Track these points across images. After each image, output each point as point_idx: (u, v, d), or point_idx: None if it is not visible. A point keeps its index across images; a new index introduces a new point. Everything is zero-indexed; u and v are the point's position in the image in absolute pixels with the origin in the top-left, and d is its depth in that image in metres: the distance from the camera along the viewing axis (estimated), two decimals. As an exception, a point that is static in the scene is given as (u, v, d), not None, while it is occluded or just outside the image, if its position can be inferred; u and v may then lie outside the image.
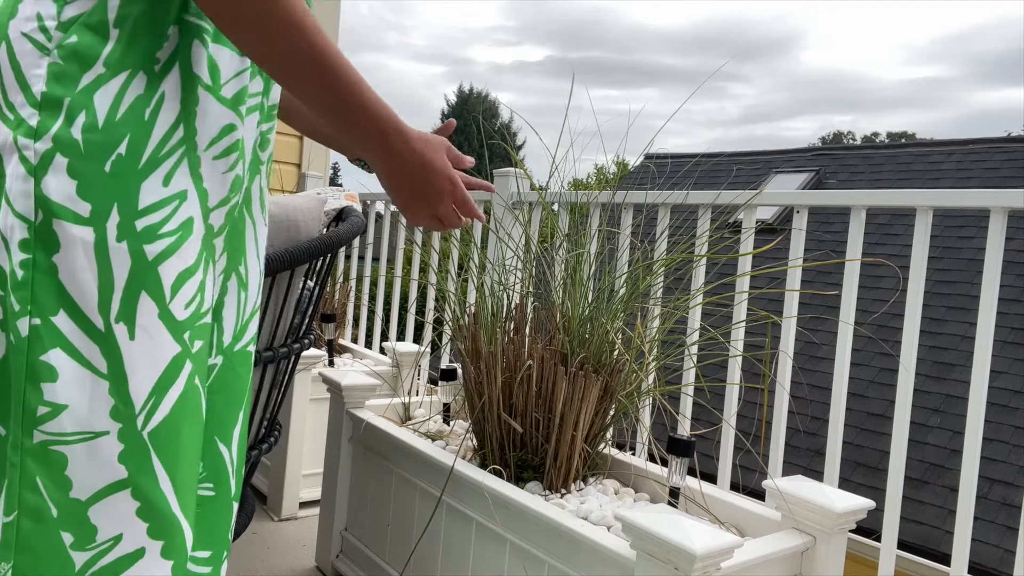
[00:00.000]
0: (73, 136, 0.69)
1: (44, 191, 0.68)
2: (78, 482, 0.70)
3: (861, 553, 2.35)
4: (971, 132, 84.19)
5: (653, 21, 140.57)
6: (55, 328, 0.69)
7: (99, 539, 0.72)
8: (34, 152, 0.69)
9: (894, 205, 1.59)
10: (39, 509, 0.70)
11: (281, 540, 2.15)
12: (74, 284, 0.70)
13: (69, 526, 0.71)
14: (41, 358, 0.69)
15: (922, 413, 5.65)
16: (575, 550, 1.22)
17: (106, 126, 0.71)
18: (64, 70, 0.70)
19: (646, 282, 1.63)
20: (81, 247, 0.69)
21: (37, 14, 0.71)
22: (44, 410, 0.69)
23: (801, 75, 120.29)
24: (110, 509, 0.72)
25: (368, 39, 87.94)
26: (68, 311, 0.70)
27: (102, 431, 0.71)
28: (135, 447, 0.73)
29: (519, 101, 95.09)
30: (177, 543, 0.77)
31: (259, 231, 0.98)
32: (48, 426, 0.69)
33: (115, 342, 0.71)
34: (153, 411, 0.74)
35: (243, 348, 0.95)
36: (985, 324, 1.44)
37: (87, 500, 0.71)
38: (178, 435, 0.77)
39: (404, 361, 2.39)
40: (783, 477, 1.37)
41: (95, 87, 0.71)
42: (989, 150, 8.12)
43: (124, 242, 0.71)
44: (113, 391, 0.71)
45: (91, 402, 0.70)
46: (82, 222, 0.69)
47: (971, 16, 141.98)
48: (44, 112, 0.69)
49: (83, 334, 0.70)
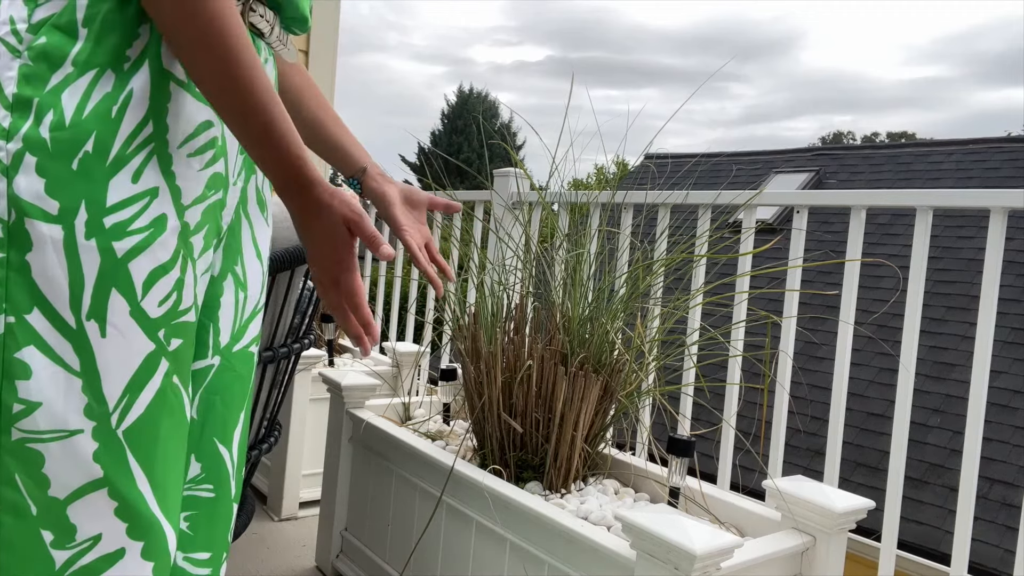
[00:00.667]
0: (41, 135, 0.70)
1: (15, 190, 0.69)
2: (55, 480, 0.71)
3: (861, 553, 2.35)
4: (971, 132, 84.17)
5: (654, 21, 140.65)
6: (29, 326, 0.69)
7: (78, 538, 0.72)
8: (6, 153, 0.69)
9: (894, 205, 1.59)
10: (19, 506, 0.70)
11: (281, 540, 2.15)
12: (46, 282, 0.70)
13: (49, 524, 0.71)
14: (16, 355, 0.69)
15: (922, 413, 5.65)
16: (575, 550, 1.22)
17: (73, 124, 0.71)
18: (34, 71, 0.71)
19: (646, 282, 1.63)
20: (51, 245, 0.70)
21: (10, 17, 0.72)
22: (19, 407, 0.69)
23: (802, 75, 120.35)
24: (88, 508, 0.72)
25: (369, 39, 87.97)
26: (42, 309, 0.70)
27: (76, 429, 0.71)
28: (110, 446, 0.73)
29: (519, 101, 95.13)
30: (158, 544, 0.77)
31: (258, 231, 0.98)
32: (23, 423, 0.69)
33: (87, 340, 0.71)
34: (127, 409, 0.74)
35: (244, 349, 0.95)
36: (985, 324, 1.44)
37: (65, 499, 0.71)
38: (155, 434, 0.77)
39: (404, 361, 2.39)
40: (783, 477, 1.37)
41: (63, 86, 0.71)
42: (989, 150, 8.12)
43: (93, 239, 0.71)
44: (86, 389, 0.72)
45: (65, 400, 0.71)
46: (51, 220, 0.69)
47: (971, 16, 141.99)
48: (15, 113, 0.70)
49: (56, 332, 0.70)
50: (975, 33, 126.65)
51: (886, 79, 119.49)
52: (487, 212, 2.59)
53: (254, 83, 0.75)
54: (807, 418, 5.66)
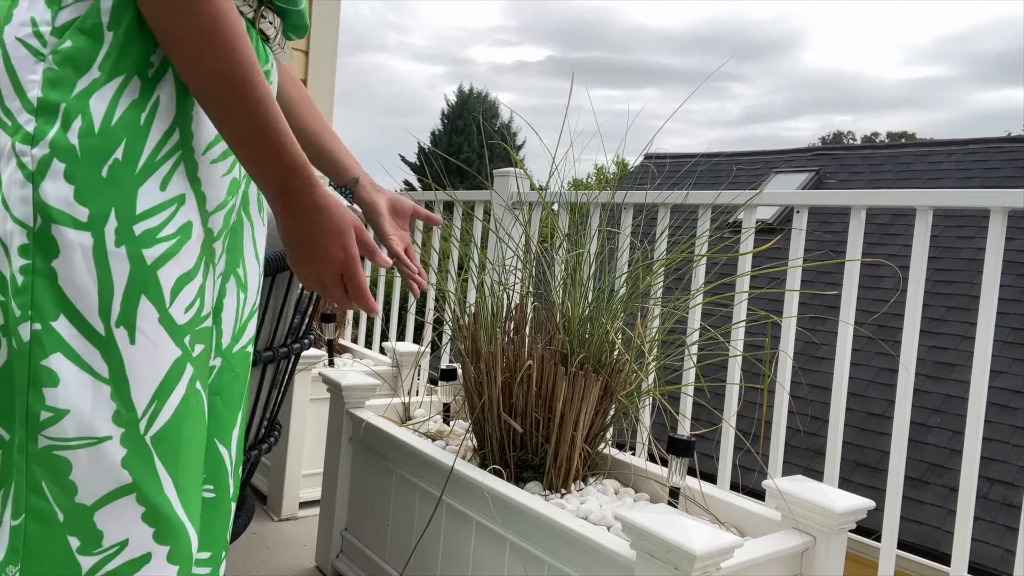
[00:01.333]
0: (70, 141, 0.69)
1: (42, 196, 0.68)
2: (83, 487, 0.70)
3: (861, 553, 2.35)
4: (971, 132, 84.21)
5: (654, 21, 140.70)
6: (56, 333, 0.69)
7: (105, 544, 0.72)
8: (31, 158, 0.68)
9: (894, 205, 1.59)
10: (45, 513, 0.70)
11: (281, 540, 2.15)
12: (74, 289, 0.70)
13: (75, 530, 0.71)
14: (42, 363, 0.69)
15: (922, 413, 5.65)
16: (575, 550, 1.22)
17: (102, 131, 0.71)
18: (59, 75, 0.70)
19: (646, 282, 1.63)
20: (80, 252, 0.69)
21: (32, 19, 0.71)
22: (47, 415, 0.69)
23: (802, 75, 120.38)
24: (115, 514, 0.72)
25: (369, 39, 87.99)
26: (68, 316, 0.70)
27: (104, 436, 0.71)
28: (138, 452, 0.73)
29: (519, 101, 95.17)
30: (183, 548, 0.77)
31: (258, 232, 0.98)
32: (51, 431, 0.69)
33: (116, 347, 0.71)
34: (155, 416, 0.74)
35: (242, 349, 0.95)
36: (985, 324, 1.44)
37: (92, 505, 0.71)
38: (180, 439, 0.77)
39: (404, 361, 2.39)
40: (783, 477, 1.37)
41: (90, 92, 0.71)
42: (989, 150, 8.11)
43: (123, 247, 0.71)
44: (115, 396, 0.71)
45: (93, 407, 0.70)
46: (80, 227, 0.69)
47: (971, 16, 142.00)
48: (41, 118, 0.69)
49: (84, 339, 0.70)
50: (975, 33, 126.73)
51: (886, 79, 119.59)
52: (487, 212, 2.59)
53: (258, 79, 0.75)
54: (807, 418, 5.66)
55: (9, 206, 0.69)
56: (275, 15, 0.90)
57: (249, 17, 0.85)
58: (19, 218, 0.69)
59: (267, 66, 0.90)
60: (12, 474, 0.70)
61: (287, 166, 0.78)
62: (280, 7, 0.90)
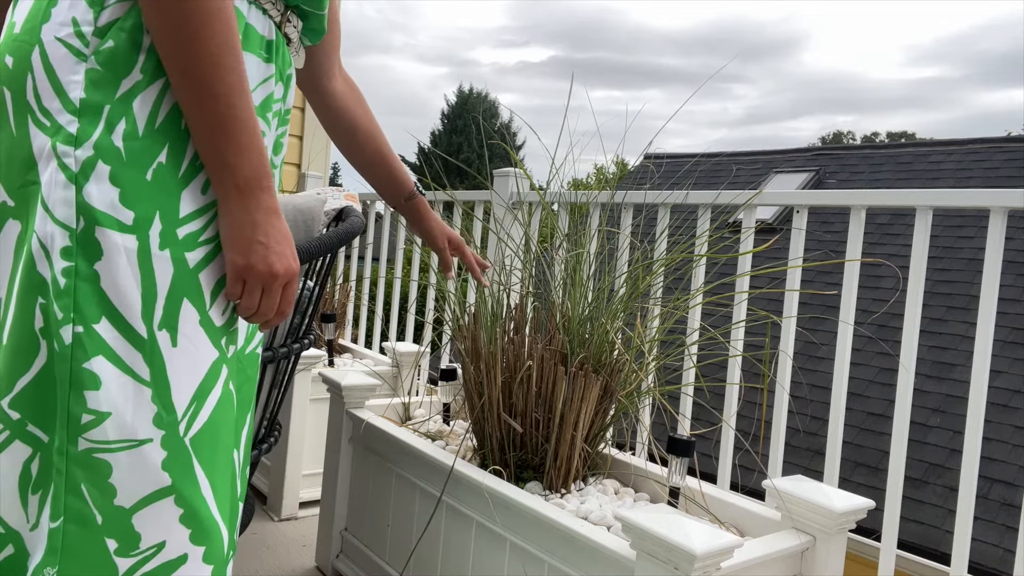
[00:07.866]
0: (115, 144, 0.69)
1: (86, 198, 0.68)
2: (122, 489, 0.70)
3: (861, 553, 2.35)
4: (972, 132, 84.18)
5: (658, 22, 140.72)
6: (98, 336, 0.69)
7: (142, 546, 0.72)
8: (75, 159, 0.68)
9: (894, 205, 1.59)
10: (84, 515, 0.70)
11: (281, 540, 2.15)
12: (116, 292, 0.69)
13: (113, 533, 0.70)
14: (84, 366, 0.68)
15: (922, 413, 5.64)
16: (575, 550, 1.22)
17: (146, 134, 0.70)
18: (102, 76, 0.70)
19: (646, 282, 1.63)
20: (124, 255, 0.69)
21: (72, 19, 0.70)
22: (88, 418, 0.69)
23: (804, 76, 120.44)
24: (154, 516, 0.72)
25: (374, 41, 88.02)
26: (110, 319, 0.69)
27: (145, 439, 0.71)
28: (178, 454, 0.73)
29: (523, 102, 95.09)
30: (217, 548, 0.77)
31: None
32: (92, 434, 0.69)
33: (158, 349, 0.71)
34: (194, 417, 0.74)
35: (252, 350, 0.96)
36: (985, 324, 1.44)
37: (131, 507, 0.71)
38: (217, 440, 0.77)
39: (404, 361, 2.39)
40: (783, 477, 1.37)
41: (133, 94, 0.70)
42: (989, 150, 8.11)
43: (167, 250, 0.71)
44: (156, 398, 0.71)
45: (134, 410, 0.70)
46: (125, 230, 0.69)
47: (973, 16, 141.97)
48: (84, 119, 0.69)
49: (126, 342, 0.70)
50: (976, 33, 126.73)
51: (888, 79, 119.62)
52: (487, 212, 2.59)
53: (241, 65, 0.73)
54: (807, 418, 5.66)
55: (50, 208, 0.68)
56: (298, 18, 0.90)
57: (276, 20, 0.85)
58: (61, 220, 0.68)
59: (289, 71, 0.90)
60: (51, 476, 0.70)
61: (263, 160, 0.76)
62: (305, 11, 0.90)
